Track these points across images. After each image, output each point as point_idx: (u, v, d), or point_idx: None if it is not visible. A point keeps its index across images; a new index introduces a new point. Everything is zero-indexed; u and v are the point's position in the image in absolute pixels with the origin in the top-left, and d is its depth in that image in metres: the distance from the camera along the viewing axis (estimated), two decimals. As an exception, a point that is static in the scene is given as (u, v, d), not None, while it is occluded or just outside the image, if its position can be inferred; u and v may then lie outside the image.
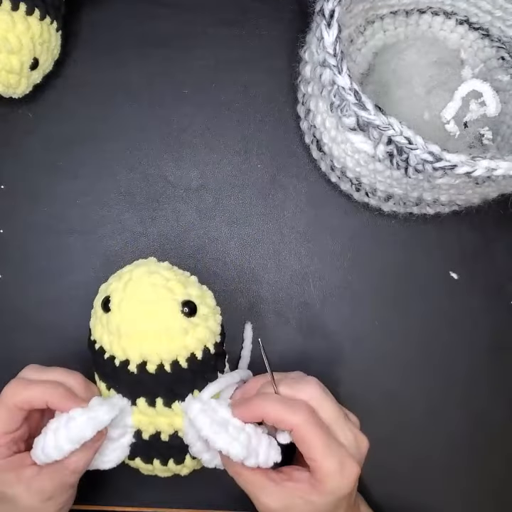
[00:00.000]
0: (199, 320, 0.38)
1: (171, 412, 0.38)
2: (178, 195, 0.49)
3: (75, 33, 0.49)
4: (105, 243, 0.48)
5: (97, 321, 0.39)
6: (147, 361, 0.37)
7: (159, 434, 0.38)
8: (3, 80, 0.43)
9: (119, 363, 0.37)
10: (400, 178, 0.40)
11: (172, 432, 0.38)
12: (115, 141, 0.49)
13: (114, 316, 0.37)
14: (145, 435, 0.39)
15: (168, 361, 0.37)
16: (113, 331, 0.37)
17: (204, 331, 0.38)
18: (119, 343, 0.37)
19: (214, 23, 0.50)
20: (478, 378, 0.49)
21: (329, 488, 0.36)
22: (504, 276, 0.50)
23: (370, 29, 0.50)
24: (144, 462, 0.40)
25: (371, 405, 0.48)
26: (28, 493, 0.36)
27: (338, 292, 0.49)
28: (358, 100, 0.36)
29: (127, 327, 0.37)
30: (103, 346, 0.38)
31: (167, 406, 0.38)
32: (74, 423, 0.35)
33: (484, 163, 0.36)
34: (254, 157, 0.50)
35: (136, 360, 0.37)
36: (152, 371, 0.37)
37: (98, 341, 0.39)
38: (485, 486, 0.48)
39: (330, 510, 0.37)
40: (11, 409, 0.37)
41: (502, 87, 0.50)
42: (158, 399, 0.38)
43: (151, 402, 0.38)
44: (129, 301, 0.37)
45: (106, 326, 0.38)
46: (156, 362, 0.37)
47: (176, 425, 0.38)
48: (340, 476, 0.36)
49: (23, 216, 0.48)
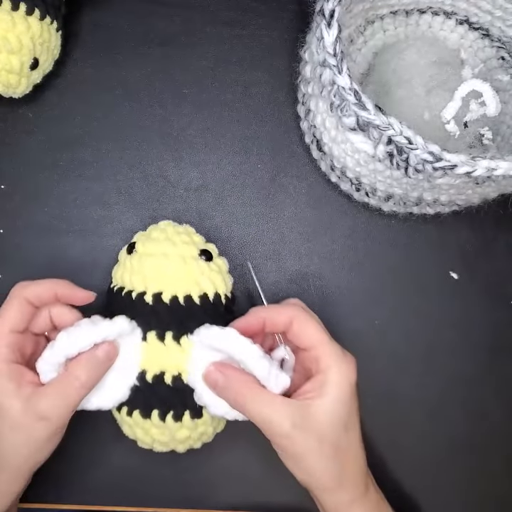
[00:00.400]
0: (214, 267, 0.41)
1: (179, 348, 0.39)
2: (178, 195, 0.49)
3: (75, 33, 0.49)
4: (105, 243, 0.48)
5: (119, 266, 0.42)
6: (163, 291, 0.39)
7: (163, 375, 0.39)
8: (3, 79, 0.43)
9: (136, 295, 0.40)
10: (399, 178, 0.40)
11: (176, 374, 0.39)
12: (115, 141, 0.49)
13: (137, 254, 0.41)
14: (149, 376, 0.39)
15: (182, 294, 0.39)
16: (135, 267, 0.40)
17: (217, 277, 0.41)
18: (138, 273, 0.40)
19: (214, 22, 0.50)
20: (478, 378, 0.49)
21: (336, 377, 0.36)
22: (504, 276, 0.50)
23: (370, 29, 0.50)
24: (142, 416, 0.39)
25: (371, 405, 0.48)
26: (24, 410, 0.35)
27: (338, 292, 0.49)
28: (358, 100, 0.36)
29: (148, 260, 0.40)
30: (122, 285, 0.41)
31: (176, 340, 0.39)
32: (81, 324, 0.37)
33: (484, 163, 0.36)
34: (254, 157, 0.50)
35: (153, 290, 0.39)
36: (166, 301, 0.39)
37: (118, 283, 0.41)
38: (485, 486, 0.48)
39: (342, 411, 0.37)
40: (21, 303, 0.37)
41: (502, 87, 0.50)
42: (168, 332, 0.39)
43: (161, 336, 0.39)
44: (153, 240, 0.41)
45: (129, 264, 0.41)
46: (171, 292, 0.39)
47: (180, 366, 0.39)
48: (344, 361, 0.37)
49: (23, 216, 0.48)
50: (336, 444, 0.36)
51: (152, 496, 0.47)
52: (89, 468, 0.46)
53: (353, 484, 0.37)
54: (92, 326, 0.37)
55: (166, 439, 0.40)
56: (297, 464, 0.37)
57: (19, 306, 0.37)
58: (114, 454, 0.46)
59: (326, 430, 0.36)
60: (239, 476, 0.47)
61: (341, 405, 0.37)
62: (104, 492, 0.46)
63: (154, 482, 0.47)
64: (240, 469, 0.47)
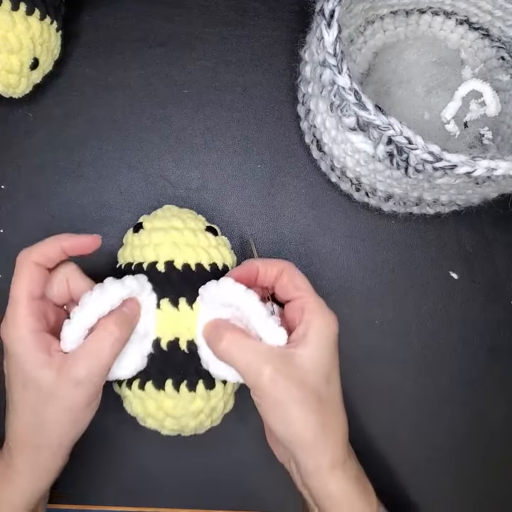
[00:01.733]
0: (221, 241, 0.43)
1: (192, 313, 0.39)
2: (178, 195, 0.49)
3: (75, 33, 0.49)
4: (105, 243, 0.48)
5: (126, 246, 0.42)
6: (174, 259, 0.40)
7: (177, 341, 0.39)
8: (3, 79, 0.43)
9: (147, 265, 0.40)
10: (399, 178, 0.40)
11: (190, 339, 0.39)
12: (115, 141, 0.49)
13: (145, 231, 0.42)
14: (163, 343, 0.39)
15: (193, 261, 0.40)
16: (145, 241, 0.41)
17: (225, 249, 0.43)
18: (149, 245, 0.41)
19: (214, 22, 0.50)
20: (478, 378, 0.49)
21: (319, 327, 0.37)
22: (504, 276, 0.50)
23: (370, 29, 0.50)
24: (156, 387, 0.39)
25: (371, 404, 0.48)
26: (59, 376, 0.34)
27: (337, 292, 0.49)
28: (358, 100, 0.36)
29: (158, 233, 0.41)
30: (131, 260, 0.41)
31: (190, 305, 0.39)
32: (101, 289, 0.37)
33: (484, 163, 0.36)
34: (254, 157, 0.50)
35: (165, 258, 0.40)
36: (179, 267, 0.40)
37: (126, 259, 0.42)
38: (485, 486, 0.48)
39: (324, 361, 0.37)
40: (31, 268, 0.36)
41: (502, 87, 0.50)
42: (181, 298, 0.40)
43: (175, 302, 0.39)
44: (161, 217, 0.42)
45: (138, 241, 0.41)
46: (183, 260, 0.40)
47: (194, 331, 0.39)
48: (326, 312, 0.38)
49: (23, 216, 0.48)
50: (317, 393, 0.36)
51: (152, 496, 0.47)
52: (89, 468, 0.46)
53: (335, 445, 0.37)
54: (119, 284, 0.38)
55: (179, 413, 0.39)
56: (278, 415, 0.36)
57: (29, 271, 0.36)
58: (114, 454, 0.46)
59: (309, 378, 0.36)
60: (239, 477, 0.47)
61: (324, 354, 0.37)
62: (104, 492, 0.47)
63: (154, 482, 0.47)
64: (240, 469, 0.47)
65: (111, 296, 0.37)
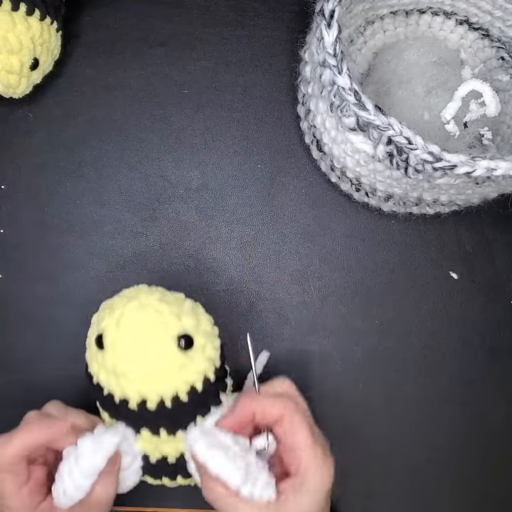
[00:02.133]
0: (196, 352, 0.37)
1: (176, 439, 0.38)
2: (178, 195, 0.49)
3: (75, 33, 0.49)
4: (105, 243, 0.48)
5: (92, 357, 0.38)
6: (146, 400, 0.36)
7: (166, 458, 0.38)
8: (3, 80, 0.43)
9: (118, 400, 0.37)
10: (399, 178, 0.40)
11: (178, 455, 0.38)
12: (115, 141, 0.49)
13: (108, 355, 0.36)
14: (152, 459, 0.39)
15: (168, 397, 0.36)
16: (109, 369, 0.37)
17: (202, 363, 0.37)
18: (116, 382, 0.36)
19: (214, 22, 0.50)
20: (478, 378, 0.49)
21: (315, 482, 0.35)
22: (504, 276, 0.50)
23: (370, 29, 0.50)
24: (154, 479, 0.40)
25: (370, 404, 0.48)
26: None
27: (337, 292, 0.49)
28: (357, 100, 0.36)
29: (123, 367, 0.36)
30: (100, 383, 0.38)
31: (171, 434, 0.37)
32: (83, 458, 0.35)
33: (484, 163, 0.36)
34: (254, 157, 0.50)
35: (136, 399, 0.36)
36: (153, 408, 0.36)
37: (95, 377, 0.38)
38: (485, 486, 0.48)
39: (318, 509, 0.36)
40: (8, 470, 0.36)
41: (502, 87, 0.50)
42: (161, 429, 0.37)
43: (155, 432, 0.37)
44: (123, 340, 0.36)
45: (102, 363, 0.37)
46: (155, 400, 0.36)
47: (181, 449, 0.38)
48: (324, 467, 0.36)
49: (23, 216, 0.48)
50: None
51: (152, 496, 0.47)
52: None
53: None
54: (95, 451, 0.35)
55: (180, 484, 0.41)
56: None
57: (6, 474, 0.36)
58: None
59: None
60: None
61: (315, 508, 0.36)
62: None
63: (154, 482, 0.47)
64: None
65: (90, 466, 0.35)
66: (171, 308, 0.37)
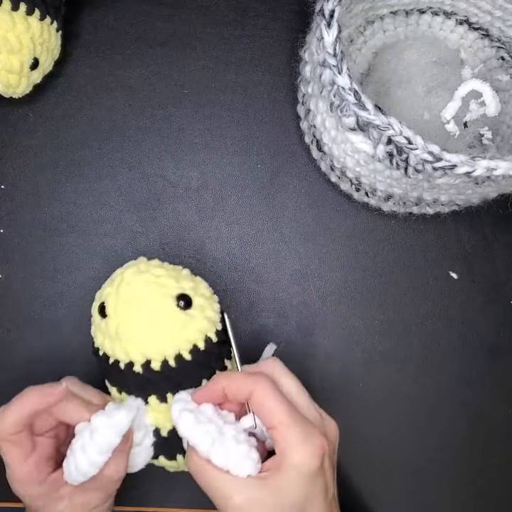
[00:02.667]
0: (196, 311, 0.38)
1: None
2: (178, 195, 0.49)
3: (75, 33, 0.49)
4: (105, 243, 0.48)
5: (96, 328, 0.39)
6: (151, 360, 0.37)
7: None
8: (3, 79, 0.43)
9: (124, 365, 0.38)
10: (399, 178, 0.40)
11: None
12: (115, 141, 0.49)
13: (111, 321, 0.38)
14: (163, 432, 0.39)
15: (171, 356, 0.37)
16: (113, 335, 0.38)
17: (203, 322, 0.38)
18: (120, 346, 0.37)
19: (214, 22, 0.50)
20: (478, 378, 0.49)
21: (293, 462, 0.34)
22: (504, 276, 0.50)
23: (370, 29, 0.50)
24: (168, 459, 0.40)
25: (370, 404, 0.48)
26: (71, 507, 0.36)
27: (337, 292, 0.49)
28: (357, 100, 0.36)
29: (126, 330, 0.37)
30: (106, 352, 0.38)
31: None
32: (98, 434, 0.35)
33: (484, 163, 0.36)
34: (254, 157, 0.50)
35: (140, 361, 0.37)
36: (157, 368, 0.37)
37: (101, 348, 0.39)
38: (485, 486, 0.48)
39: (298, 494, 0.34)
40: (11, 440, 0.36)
41: (502, 87, 0.50)
42: (168, 394, 0.38)
43: (163, 398, 0.38)
44: (124, 304, 0.37)
45: (105, 331, 0.38)
46: (159, 359, 0.37)
47: None
48: (304, 447, 0.34)
49: (23, 216, 0.48)
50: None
51: (152, 496, 0.47)
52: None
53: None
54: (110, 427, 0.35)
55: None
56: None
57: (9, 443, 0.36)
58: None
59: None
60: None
61: (294, 493, 0.34)
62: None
63: (154, 482, 0.47)
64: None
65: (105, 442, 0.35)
66: (168, 272, 0.38)
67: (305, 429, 0.34)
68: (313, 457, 0.34)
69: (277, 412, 0.34)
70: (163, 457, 0.40)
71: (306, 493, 0.34)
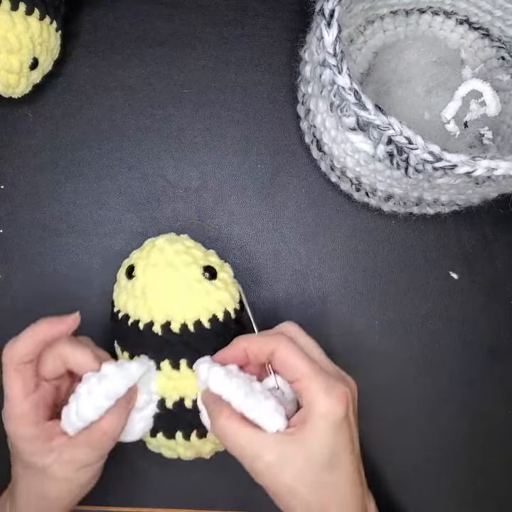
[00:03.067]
0: (220, 283, 0.40)
1: (194, 376, 0.39)
2: (178, 195, 0.49)
3: (74, 32, 0.49)
4: (105, 243, 0.48)
5: (121, 290, 0.41)
6: (171, 321, 0.39)
7: (183, 400, 0.39)
8: (3, 79, 0.43)
9: (143, 325, 0.39)
10: (400, 178, 0.40)
11: (195, 397, 0.39)
12: (115, 141, 0.49)
13: (138, 281, 0.39)
14: (169, 403, 0.39)
15: (191, 321, 0.39)
16: (138, 294, 0.39)
17: (225, 294, 0.40)
18: (144, 305, 0.39)
19: (214, 23, 0.50)
20: (478, 378, 0.49)
21: (320, 411, 0.34)
22: (504, 276, 0.50)
23: (370, 29, 0.50)
24: (167, 437, 0.39)
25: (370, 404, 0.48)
26: (60, 463, 0.36)
27: (338, 292, 0.49)
28: (358, 100, 0.36)
29: (151, 290, 0.39)
30: (127, 312, 0.40)
31: (191, 368, 0.39)
32: (107, 380, 0.36)
33: (484, 163, 0.36)
34: (254, 157, 0.50)
35: (161, 320, 0.39)
36: (176, 330, 0.39)
37: (122, 309, 0.40)
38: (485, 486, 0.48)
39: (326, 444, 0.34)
40: (18, 369, 0.36)
41: (502, 87, 0.50)
42: (182, 360, 0.39)
43: (175, 364, 0.39)
44: (153, 266, 0.39)
45: (131, 291, 0.40)
46: (179, 321, 0.39)
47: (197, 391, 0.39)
48: (328, 396, 0.35)
49: (23, 216, 0.48)
50: (314, 483, 0.35)
51: (152, 496, 0.47)
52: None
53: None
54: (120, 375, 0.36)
55: (192, 454, 0.41)
56: (279, 502, 0.36)
57: (17, 372, 0.36)
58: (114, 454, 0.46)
59: (308, 466, 0.34)
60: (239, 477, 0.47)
61: (325, 440, 0.34)
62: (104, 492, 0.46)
63: (154, 482, 0.47)
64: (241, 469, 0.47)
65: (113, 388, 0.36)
66: (198, 246, 0.42)
67: (328, 379, 0.36)
68: (338, 405, 0.35)
69: (300, 365, 0.36)
70: (161, 434, 0.39)
71: (334, 443, 0.35)
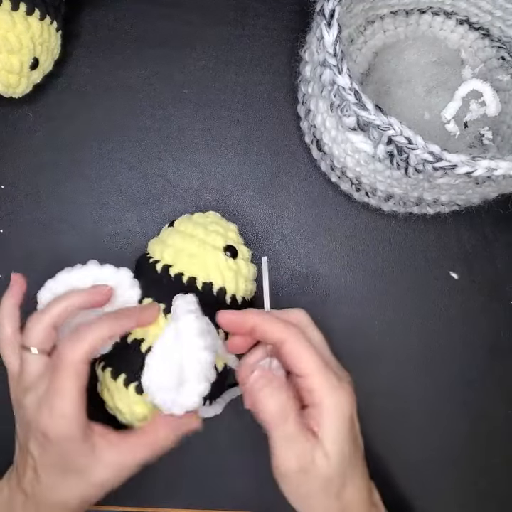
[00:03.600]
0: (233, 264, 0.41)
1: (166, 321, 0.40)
2: (178, 195, 0.49)
3: (75, 32, 0.49)
4: (105, 243, 0.48)
5: (158, 238, 0.43)
6: (197, 277, 0.40)
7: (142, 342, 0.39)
8: (3, 79, 0.43)
9: (161, 267, 0.41)
10: (400, 178, 0.40)
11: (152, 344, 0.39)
12: (115, 142, 0.49)
13: (172, 230, 0.42)
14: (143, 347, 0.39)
15: (201, 279, 0.40)
16: (168, 241, 0.42)
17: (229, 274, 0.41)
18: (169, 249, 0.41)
19: (214, 23, 0.50)
20: (478, 378, 0.49)
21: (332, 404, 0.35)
22: (504, 276, 0.50)
23: (370, 29, 0.50)
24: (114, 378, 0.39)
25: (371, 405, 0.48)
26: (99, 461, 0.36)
27: (338, 292, 0.49)
28: (358, 100, 0.36)
29: (175, 238, 0.41)
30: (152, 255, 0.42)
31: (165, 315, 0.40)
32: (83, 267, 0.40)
33: (484, 163, 0.36)
34: (254, 157, 0.50)
35: (179, 268, 0.40)
36: (200, 287, 0.40)
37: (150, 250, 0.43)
38: (485, 486, 0.48)
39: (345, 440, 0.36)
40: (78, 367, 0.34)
41: (502, 87, 0.50)
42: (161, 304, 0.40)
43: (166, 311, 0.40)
44: (190, 222, 0.42)
45: (165, 236, 0.42)
46: (206, 280, 0.40)
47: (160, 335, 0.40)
48: (338, 392, 0.36)
49: (23, 216, 0.48)
50: (340, 485, 0.36)
51: (152, 496, 0.47)
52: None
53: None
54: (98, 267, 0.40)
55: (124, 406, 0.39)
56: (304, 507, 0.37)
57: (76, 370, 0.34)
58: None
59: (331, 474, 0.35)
60: (239, 477, 0.47)
61: (342, 438, 0.36)
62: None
63: (154, 482, 0.47)
64: (240, 469, 0.47)
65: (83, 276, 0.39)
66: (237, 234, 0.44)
67: (336, 377, 0.36)
68: (347, 402, 0.36)
69: (312, 361, 0.36)
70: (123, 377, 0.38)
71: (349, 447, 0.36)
